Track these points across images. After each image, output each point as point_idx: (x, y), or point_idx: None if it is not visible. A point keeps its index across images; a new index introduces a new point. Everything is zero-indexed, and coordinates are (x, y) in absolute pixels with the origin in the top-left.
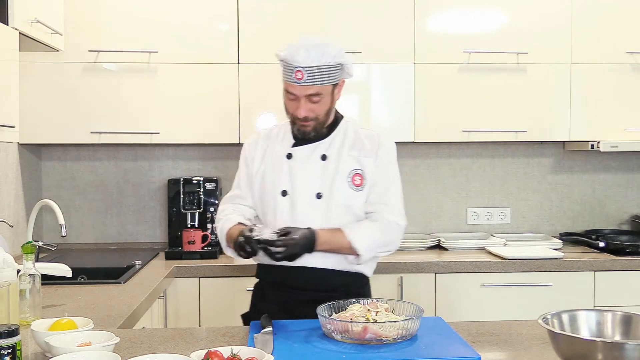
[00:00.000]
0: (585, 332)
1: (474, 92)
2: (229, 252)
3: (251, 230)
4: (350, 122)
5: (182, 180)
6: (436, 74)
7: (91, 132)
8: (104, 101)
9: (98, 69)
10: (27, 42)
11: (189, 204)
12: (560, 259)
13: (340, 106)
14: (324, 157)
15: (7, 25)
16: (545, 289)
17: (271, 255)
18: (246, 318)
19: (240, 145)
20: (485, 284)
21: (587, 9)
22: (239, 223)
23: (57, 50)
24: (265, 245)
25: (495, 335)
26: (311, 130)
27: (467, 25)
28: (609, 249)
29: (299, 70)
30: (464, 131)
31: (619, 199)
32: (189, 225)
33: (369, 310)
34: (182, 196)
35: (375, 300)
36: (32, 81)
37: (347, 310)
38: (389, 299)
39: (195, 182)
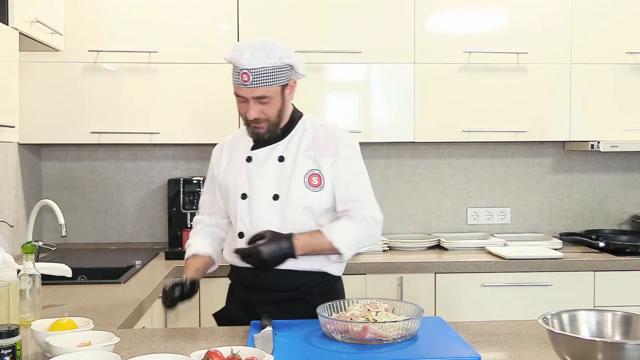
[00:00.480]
0: (585, 332)
1: (474, 92)
2: None
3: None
4: (310, 121)
5: (182, 180)
6: (436, 74)
7: (91, 132)
8: (104, 101)
9: (98, 69)
10: (27, 42)
11: (189, 204)
12: (560, 259)
13: (340, 106)
14: (281, 159)
15: (7, 25)
16: (545, 289)
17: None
18: (217, 317)
19: None
20: (485, 284)
21: (587, 9)
22: (194, 255)
23: (57, 50)
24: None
25: (495, 335)
26: (265, 132)
27: (467, 25)
28: (609, 249)
29: (244, 73)
30: (464, 131)
31: (619, 199)
32: (189, 225)
33: (369, 310)
34: (182, 196)
35: (375, 301)
36: (32, 81)
37: (347, 310)
38: (389, 299)
39: (195, 182)
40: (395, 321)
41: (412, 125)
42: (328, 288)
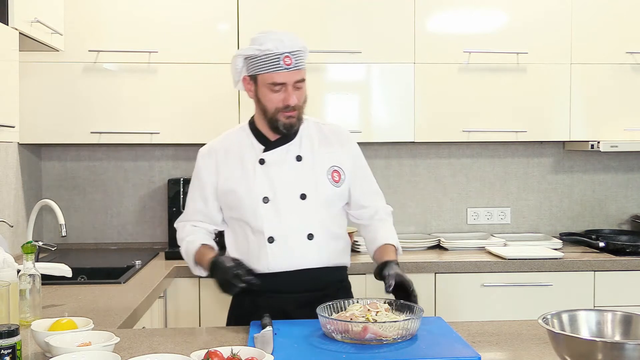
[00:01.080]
0: (585, 332)
1: (474, 92)
2: (197, 271)
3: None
4: (309, 120)
5: (182, 180)
6: (436, 74)
7: (91, 132)
8: (104, 101)
9: (98, 69)
10: (27, 42)
11: None
12: (560, 259)
13: (340, 106)
14: (299, 158)
15: (7, 25)
16: (545, 289)
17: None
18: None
19: None
20: (485, 284)
21: (587, 8)
22: (203, 245)
23: (57, 50)
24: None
25: (495, 335)
26: (296, 121)
27: (467, 25)
28: (609, 249)
29: (287, 56)
30: (464, 131)
31: (619, 199)
32: None
33: (369, 310)
34: (182, 196)
35: (375, 301)
36: (32, 81)
37: (347, 310)
38: (389, 299)
39: None
40: (395, 321)
41: (412, 125)
42: (346, 281)
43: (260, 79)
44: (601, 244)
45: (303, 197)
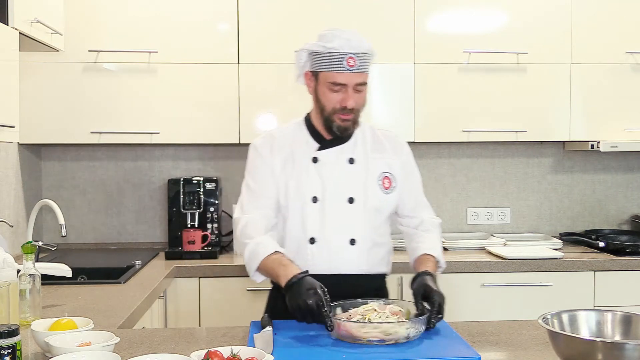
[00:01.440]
0: (585, 332)
1: (474, 92)
2: (256, 276)
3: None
4: (366, 123)
5: (182, 180)
6: (436, 74)
7: (91, 132)
8: (104, 101)
9: (98, 69)
10: (27, 42)
11: (189, 204)
12: (560, 259)
13: None
14: (351, 161)
15: (7, 25)
16: (545, 289)
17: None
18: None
19: (240, 145)
20: (485, 284)
21: (587, 8)
22: (276, 252)
23: (57, 50)
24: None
25: (495, 335)
26: (351, 125)
27: (467, 25)
28: (609, 249)
29: (351, 57)
30: (464, 131)
31: (619, 199)
32: (189, 225)
33: (375, 310)
34: (182, 196)
35: (384, 303)
36: (32, 81)
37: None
38: (406, 301)
39: (195, 182)
40: (367, 322)
41: (412, 125)
42: (385, 290)
43: (322, 77)
44: (601, 244)
45: (351, 200)
